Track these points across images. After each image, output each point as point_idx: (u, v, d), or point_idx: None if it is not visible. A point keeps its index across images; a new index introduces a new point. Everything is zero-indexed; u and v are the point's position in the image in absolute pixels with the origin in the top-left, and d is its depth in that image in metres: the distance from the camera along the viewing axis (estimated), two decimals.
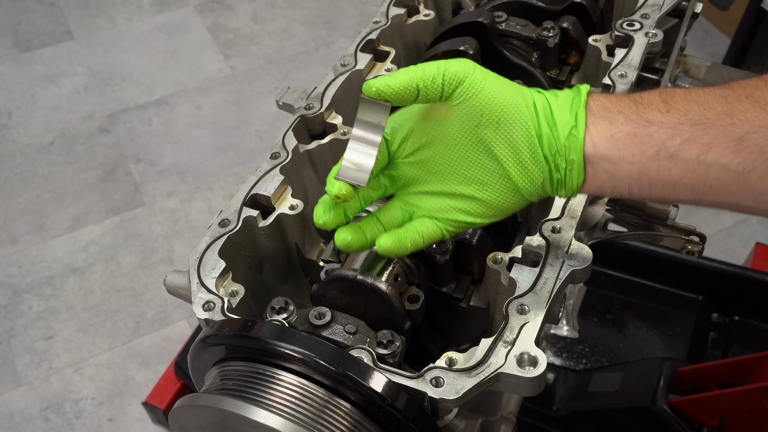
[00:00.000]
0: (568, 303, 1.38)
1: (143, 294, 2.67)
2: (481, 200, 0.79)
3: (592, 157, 0.74)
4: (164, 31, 3.64)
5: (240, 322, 0.80)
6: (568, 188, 0.77)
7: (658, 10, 1.14)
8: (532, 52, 1.20)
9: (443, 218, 0.81)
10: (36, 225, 2.87)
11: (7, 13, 3.73)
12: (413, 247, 0.81)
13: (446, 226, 0.81)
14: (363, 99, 0.77)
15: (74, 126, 3.23)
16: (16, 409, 2.39)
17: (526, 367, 0.76)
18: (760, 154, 0.67)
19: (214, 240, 0.91)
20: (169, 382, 2.02)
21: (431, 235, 0.81)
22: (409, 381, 0.76)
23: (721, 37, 3.43)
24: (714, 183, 0.70)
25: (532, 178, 0.77)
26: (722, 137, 0.69)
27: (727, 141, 0.68)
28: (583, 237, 1.14)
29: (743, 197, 0.70)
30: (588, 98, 0.76)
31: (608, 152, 0.73)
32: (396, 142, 0.81)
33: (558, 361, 1.97)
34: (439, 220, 0.81)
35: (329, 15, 3.70)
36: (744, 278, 1.99)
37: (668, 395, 1.66)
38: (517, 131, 0.76)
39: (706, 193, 0.71)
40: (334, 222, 0.81)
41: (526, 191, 0.78)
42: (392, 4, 1.24)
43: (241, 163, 3.07)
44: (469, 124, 0.77)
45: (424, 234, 0.81)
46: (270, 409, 0.73)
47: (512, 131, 0.76)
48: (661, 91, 0.74)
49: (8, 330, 2.57)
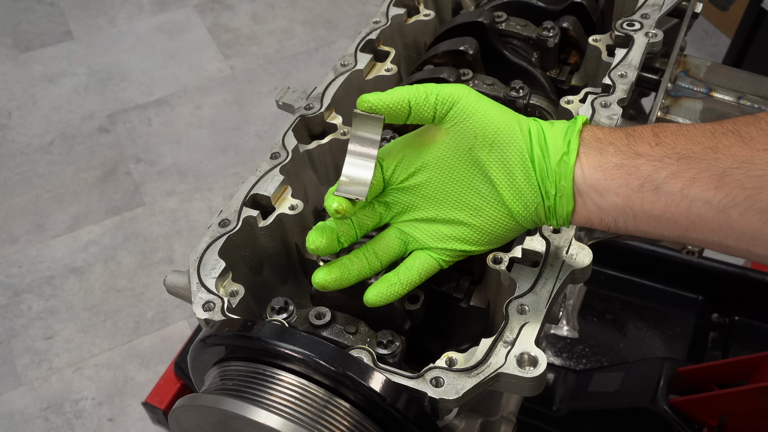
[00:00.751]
0: (569, 303, 1.38)
1: (143, 294, 2.67)
2: (476, 227, 0.80)
3: (581, 186, 0.74)
4: (164, 31, 3.64)
5: (240, 322, 0.80)
6: (558, 216, 0.77)
7: (658, 10, 1.14)
8: (532, 52, 1.20)
9: (438, 248, 0.82)
10: (36, 225, 2.87)
11: (7, 13, 3.73)
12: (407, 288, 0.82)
13: (441, 256, 0.82)
14: (357, 114, 0.77)
15: (74, 126, 3.23)
16: (16, 409, 2.39)
17: (526, 367, 0.76)
18: (741, 190, 0.66)
19: (214, 240, 0.91)
20: (169, 382, 2.02)
21: (428, 269, 0.82)
22: (409, 381, 0.76)
23: (722, 37, 3.43)
24: (696, 219, 0.69)
25: (526, 202, 0.77)
26: (706, 172, 0.68)
27: (710, 176, 0.68)
28: (583, 237, 1.14)
29: (725, 236, 0.69)
30: (582, 129, 0.76)
31: (596, 182, 0.73)
32: (390, 167, 0.81)
33: (558, 361, 1.97)
34: (433, 251, 0.82)
35: (329, 15, 3.70)
36: (744, 278, 1.99)
37: (668, 395, 1.66)
38: (511, 153, 0.76)
39: (689, 228, 0.71)
40: (326, 248, 0.81)
41: (521, 216, 0.78)
42: (392, 4, 1.24)
43: (241, 163, 3.07)
44: (463, 146, 0.77)
45: (420, 269, 0.82)
46: (270, 409, 0.73)
47: (507, 153, 0.76)
48: (654, 125, 0.74)
49: (8, 330, 2.57)
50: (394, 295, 0.82)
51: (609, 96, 1.02)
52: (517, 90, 1.08)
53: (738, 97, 1.22)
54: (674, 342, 2.00)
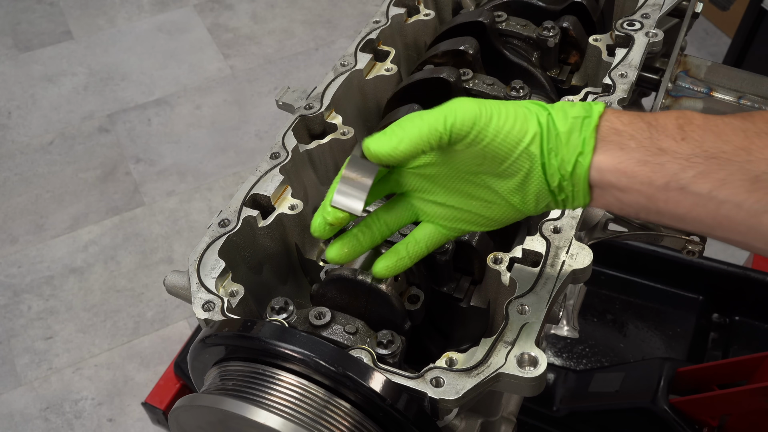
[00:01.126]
0: (569, 303, 1.38)
1: (143, 294, 2.67)
2: (486, 216, 0.79)
3: (599, 182, 0.71)
4: (164, 31, 3.64)
5: (240, 322, 0.80)
6: (574, 206, 0.75)
7: (659, 10, 1.14)
8: (533, 51, 1.20)
9: (448, 226, 0.81)
10: (36, 225, 2.87)
11: (7, 13, 3.73)
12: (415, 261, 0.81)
13: (450, 232, 0.81)
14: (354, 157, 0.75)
15: (74, 126, 3.23)
16: (16, 409, 2.39)
17: (526, 367, 0.76)
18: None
19: (214, 240, 0.91)
20: (169, 382, 2.01)
21: (435, 242, 0.82)
22: (409, 381, 0.76)
23: (722, 37, 3.43)
24: (724, 221, 0.67)
25: (537, 206, 0.76)
26: (738, 174, 0.65)
27: (742, 179, 0.65)
28: (583, 237, 1.14)
29: (753, 238, 0.67)
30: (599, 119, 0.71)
31: (616, 179, 0.70)
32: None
33: (558, 361, 1.97)
34: (442, 227, 0.81)
35: (329, 15, 3.70)
36: (744, 278, 1.99)
37: (668, 395, 1.66)
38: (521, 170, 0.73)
39: (715, 228, 0.69)
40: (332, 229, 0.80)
41: (532, 212, 0.77)
42: (392, 3, 1.24)
43: (241, 163, 3.07)
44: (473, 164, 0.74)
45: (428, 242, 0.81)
46: (270, 410, 0.73)
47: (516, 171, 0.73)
48: (678, 114, 0.70)
49: (8, 330, 2.57)
50: (402, 269, 0.82)
51: (609, 96, 1.02)
52: (517, 90, 1.08)
53: (738, 97, 1.22)
54: (674, 342, 2.00)
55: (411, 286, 0.93)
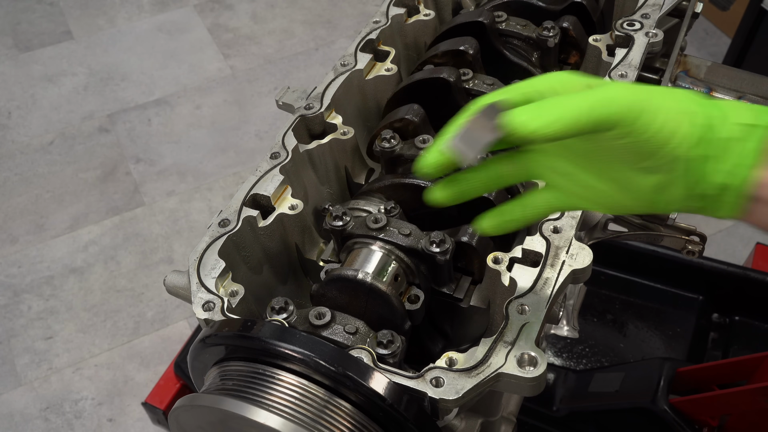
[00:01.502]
0: (569, 303, 1.38)
1: (143, 294, 2.67)
2: (616, 200, 0.72)
3: (759, 197, 0.65)
4: (164, 31, 3.64)
5: (240, 322, 0.80)
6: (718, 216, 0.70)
7: (659, 10, 1.14)
8: (533, 51, 1.20)
9: (569, 201, 0.74)
10: (36, 225, 2.87)
11: (7, 13, 3.73)
12: (524, 226, 0.76)
13: (568, 206, 0.75)
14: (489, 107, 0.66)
15: (74, 126, 3.23)
16: (16, 409, 2.39)
17: (526, 367, 0.76)
18: None
19: (214, 240, 0.91)
20: (169, 382, 2.01)
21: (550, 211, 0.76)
22: (409, 381, 0.76)
23: (722, 37, 3.43)
24: None
25: (671, 206, 0.70)
26: None
27: None
28: (583, 237, 1.14)
29: None
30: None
31: None
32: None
33: (558, 361, 1.97)
34: (566, 198, 0.74)
35: (329, 15, 3.70)
36: (744, 278, 1.99)
37: (668, 395, 1.66)
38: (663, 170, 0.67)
39: None
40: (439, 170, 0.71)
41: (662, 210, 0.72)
42: (392, 3, 1.24)
43: (241, 163, 3.07)
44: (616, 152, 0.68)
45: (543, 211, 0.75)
46: (270, 409, 0.73)
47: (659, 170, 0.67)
48: None
49: (8, 330, 2.57)
50: (508, 230, 0.76)
51: None
52: None
53: (738, 97, 1.22)
54: (674, 342, 2.00)
55: (411, 286, 0.93)
